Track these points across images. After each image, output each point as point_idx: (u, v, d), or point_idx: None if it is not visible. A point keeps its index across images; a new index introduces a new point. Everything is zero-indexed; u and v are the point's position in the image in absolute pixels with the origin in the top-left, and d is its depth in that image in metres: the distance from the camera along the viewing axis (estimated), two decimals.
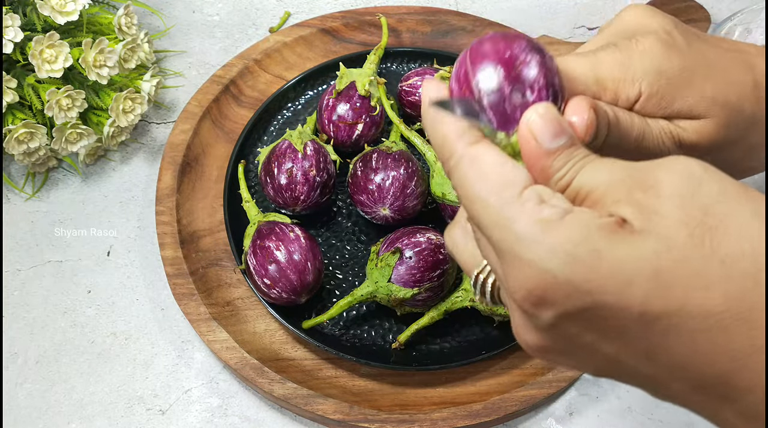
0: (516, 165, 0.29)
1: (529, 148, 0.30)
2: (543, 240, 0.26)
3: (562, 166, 0.29)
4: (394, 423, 0.51)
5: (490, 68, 0.31)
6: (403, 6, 0.72)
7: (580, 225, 0.26)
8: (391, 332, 0.55)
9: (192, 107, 0.64)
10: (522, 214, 0.27)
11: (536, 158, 0.30)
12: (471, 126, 0.31)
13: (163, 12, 0.74)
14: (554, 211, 0.27)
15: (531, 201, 0.28)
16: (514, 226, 0.27)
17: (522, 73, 0.31)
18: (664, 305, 0.25)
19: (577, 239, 0.26)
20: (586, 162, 0.29)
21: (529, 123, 0.30)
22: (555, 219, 0.27)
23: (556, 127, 0.29)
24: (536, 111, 0.30)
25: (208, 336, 0.54)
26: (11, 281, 0.59)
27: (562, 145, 0.29)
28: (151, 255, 0.60)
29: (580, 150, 0.29)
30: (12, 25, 0.56)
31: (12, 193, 0.63)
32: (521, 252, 0.27)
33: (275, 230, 0.54)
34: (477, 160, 0.30)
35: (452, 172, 0.31)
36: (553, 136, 0.29)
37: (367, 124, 0.60)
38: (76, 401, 0.54)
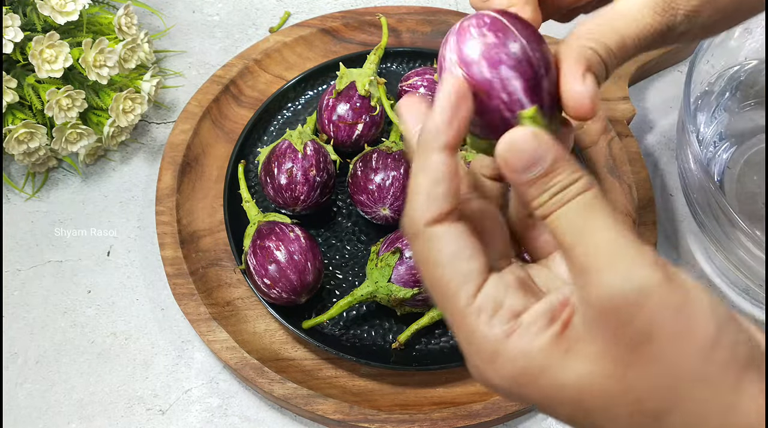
0: (472, 256, 0.30)
1: (504, 174, 0.29)
2: (493, 360, 0.29)
3: (537, 196, 0.29)
4: (394, 423, 0.51)
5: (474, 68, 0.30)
6: (403, 6, 0.72)
7: (523, 349, 0.29)
8: (391, 332, 0.55)
9: (192, 107, 0.64)
10: (475, 325, 0.29)
11: (513, 183, 0.30)
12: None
13: (163, 12, 0.74)
14: (502, 330, 0.29)
15: (485, 311, 0.29)
16: (470, 337, 0.30)
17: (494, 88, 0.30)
18: (584, 422, 0.29)
19: (518, 366, 0.29)
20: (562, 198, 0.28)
21: (500, 155, 0.29)
22: (503, 338, 0.29)
23: (526, 159, 0.29)
24: (504, 142, 0.29)
25: (208, 336, 0.54)
26: (11, 281, 0.59)
27: (534, 176, 0.29)
28: (151, 255, 0.60)
29: (556, 179, 0.28)
30: (12, 25, 0.56)
31: (12, 193, 0.63)
32: (475, 361, 0.30)
33: (275, 230, 0.54)
34: (433, 242, 0.30)
35: (409, 240, 0.31)
36: (523, 169, 0.29)
37: (367, 124, 0.60)
38: (76, 401, 0.54)
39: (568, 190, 0.28)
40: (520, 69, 0.30)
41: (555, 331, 0.28)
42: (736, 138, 0.64)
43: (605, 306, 0.27)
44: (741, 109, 0.65)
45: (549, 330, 0.28)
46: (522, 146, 0.29)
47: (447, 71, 0.31)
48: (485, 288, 0.30)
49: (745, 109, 0.65)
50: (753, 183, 0.62)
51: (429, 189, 0.30)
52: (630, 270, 0.27)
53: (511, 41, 0.30)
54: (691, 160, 0.55)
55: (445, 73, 0.31)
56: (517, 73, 0.30)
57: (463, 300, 0.30)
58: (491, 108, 0.30)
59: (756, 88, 0.65)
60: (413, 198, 0.30)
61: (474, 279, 0.30)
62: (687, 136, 0.55)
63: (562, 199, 0.28)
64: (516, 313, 0.29)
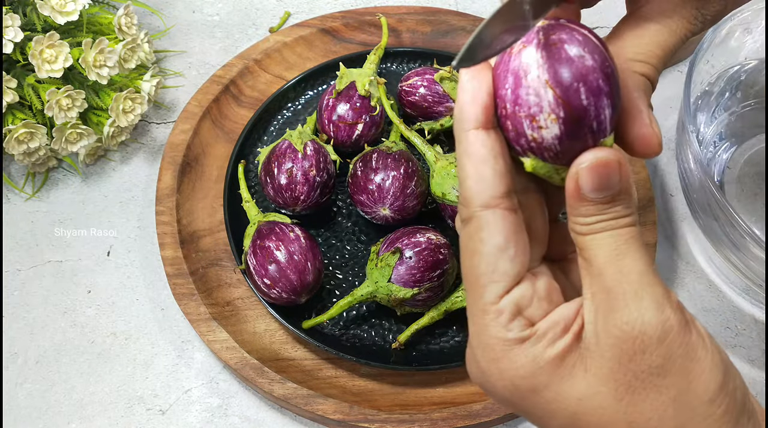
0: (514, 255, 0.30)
1: (570, 186, 0.29)
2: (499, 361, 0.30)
3: (588, 216, 0.29)
4: (394, 423, 0.51)
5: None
6: (403, 6, 0.72)
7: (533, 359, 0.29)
8: (391, 332, 0.55)
9: (192, 107, 0.64)
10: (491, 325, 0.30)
11: (572, 197, 0.29)
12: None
13: (163, 12, 0.74)
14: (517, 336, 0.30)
15: (505, 314, 0.30)
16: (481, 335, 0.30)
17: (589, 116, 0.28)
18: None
19: (524, 373, 0.29)
20: (608, 226, 0.29)
21: (579, 168, 0.29)
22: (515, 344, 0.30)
23: (601, 182, 0.29)
24: (590, 159, 0.28)
25: (208, 336, 0.54)
26: (11, 281, 0.59)
27: (600, 198, 0.29)
28: (151, 255, 0.60)
29: (614, 208, 0.29)
30: (12, 25, 0.55)
31: (12, 193, 0.63)
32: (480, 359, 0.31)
33: (275, 230, 0.54)
34: (483, 230, 0.30)
35: (462, 225, 0.31)
36: (593, 189, 0.29)
37: (367, 124, 0.60)
38: (76, 401, 0.54)
39: (618, 221, 0.29)
40: (612, 97, 0.28)
41: (566, 343, 0.29)
42: (736, 138, 0.64)
43: (627, 332, 0.28)
44: (741, 109, 0.65)
45: (561, 341, 0.29)
46: (605, 168, 0.29)
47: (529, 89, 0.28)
48: (514, 292, 0.30)
49: (745, 109, 0.65)
50: (753, 183, 0.62)
51: (476, 172, 0.30)
52: (657, 306, 0.28)
53: (606, 65, 0.28)
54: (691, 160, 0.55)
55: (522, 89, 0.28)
56: (610, 101, 0.28)
57: (489, 297, 0.30)
58: (578, 135, 0.28)
59: (756, 88, 0.65)
60: (463, 184, 0.30)
61: (506, 281, 0.30)
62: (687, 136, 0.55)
63: (609, 226, 0.29)
64: (533, 321, 0.30)
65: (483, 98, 0.29)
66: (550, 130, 0.28)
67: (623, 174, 0.29)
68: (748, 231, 0.50)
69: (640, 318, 0.28)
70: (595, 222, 0.29)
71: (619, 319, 0.28)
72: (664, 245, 0.62)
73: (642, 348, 0.28)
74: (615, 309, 0.28)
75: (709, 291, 0.60)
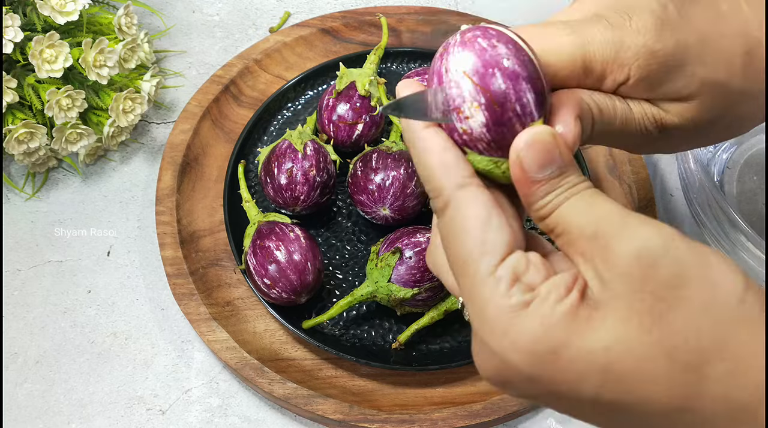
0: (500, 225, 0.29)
1: (516, 173, 0.29)
2: (508, 333, 0.28)
3: (545, 196, 0.29)
4: (394, 423, 0.51)
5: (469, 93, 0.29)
6: (403, 6, 0.72)
7: (542, 318, 0.27)
8: (391, 332, 0.55)
9: (192, 107, 0.64)
10: (493, 296, 0.28)
11: (522, 184, 0.30)
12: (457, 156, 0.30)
13: (163, 12, 0.74)
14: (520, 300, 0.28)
15: (504, 281, 0.28)
16: (483, 310, 0.29)
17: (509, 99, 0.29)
18: (613, 397, 0.27)
19: (537, 335, 0.27)
20: (569, 195, 0.29)
21: (518, 151, 0.29)
22: (520, 309, 0.28)
23: (544, 158, 0.29)
24: (524, 139, 0.29)
25: (208, 336, 0.54)
26: (11, 281, 0.59)
27: (548, 175, 0.29)
28: (151, 255, 0.60)
29: (567, 179, 0.29)
30: (12, 25, 0.55)
31: (12, 193, 0.63)
32: (488, 339, 0.29)
33: (275, 230, 0.54)
34: (462, 209, 0.30)
35: (438, 214, 0.31)
36: (539, 167, 0.29)
37: (367, 124, 0.60)
38: (76, 401, 0.54)
39: (575, 187, 0.29)
40: (532, 81, 0.29)
41: (574, 299, 0.28)
42: (736, 138, 0.64)
43: (630, 257, 0.27)
44: None
45: (567, 298, 0.28)
46: (542, 144, 0.29)
47: (450, 83, 0.30)
48: (508, 260, 0.29)
49: None
50: (753, 183, 0.62)
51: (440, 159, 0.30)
52: (647, 223, 0.27)
53: (522, 53, 0.30)
54: (691, 160, 0.55)
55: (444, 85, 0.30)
56: (530, 85, 0.29)
57: (484, 269, 0.29)
58: (503, 120, 0.29)
59: None
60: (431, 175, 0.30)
61: (498, 251, 0.29)
62: None
63: (570, 193, 0.29)
64: (532, 286, 0.28)
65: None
66: (476, 119, 0.29)
67: (561, 145, 0.29)
68: (748, 232, 0.50)
69: (636, 239, 0.27)
70: (554, 198, 0.29)
71: (618, 250, 0.27)
72: None
73: (651, 263, 0.26)
74: (609, 247, 0.27)
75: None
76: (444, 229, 0.30)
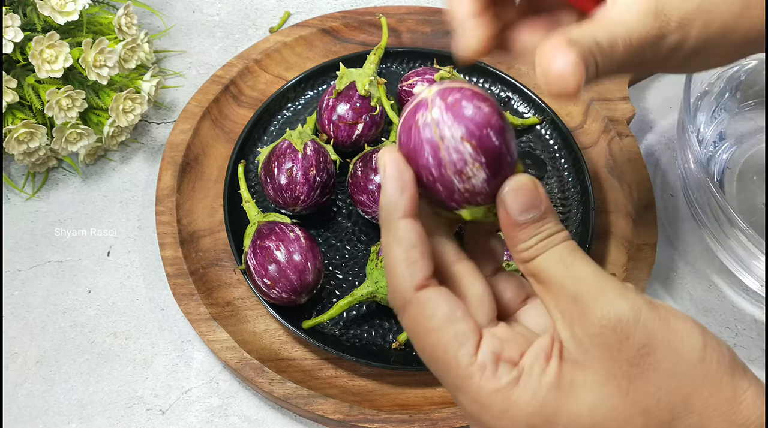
0: (464, 315, 0.31)
1: (502, 217, 0.32)
2: (506, 412, 0.30)
3: (527, 240, 0.31)
4: (394, 423, 0.51)
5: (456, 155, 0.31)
6: (403, 6, 0.72)
7: (533, 392, 0.30)
8: (391, 332, 0.55)
9: (192, 107, 0.64)
10: (482, 383, 0.30)
11: (507, 226, 0.32)
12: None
13: (163, 12, 0.74)
14: (510, 379, 0.30)
15: (488, 365, 0.30)
16: (478, 397, 0.30)
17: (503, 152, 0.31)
18: None
19: (533, 409, 0.30)
20: (550, 243, 0.31)
21: (504, 196, 0.31)
22: (512, 387, 0.30)
23: (525, 202, 0.31)
24: (510, 186, 0.31)
25: (208, 336, 0.54)
26: (11, 281, 0.59)
27: (530, 218, 0.31)
28: (151, 255, 0.60)
29: (547, 225, 0.31)
30: (12, 25, 0.56)
31: (12, 193, 0.63)
32: (487, 421, 0.30)
33: (275, 230, 0.54)
34: (426, 309, 0.31)
35: (399, 313, 0.32)
36: (521, 211, 0.31)
37: (367, 124, 0.60)
38: (76, 401, 0.54)
39: (555, 236, 0.31)
40: (509, 128, 0.32)
41: (555, 366, 0.30)
42: (736, 138, 0.64)
43: (604, 326, 0.29)
44: (741, 109, 0.65)
45: (549, 367, 0.30)
46: (524, 190, 0.31)
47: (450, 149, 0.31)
48: (483, 344, 0.31)
49: (745, 109, 0.65)
50: (753, 183, 0.62)
51: (407, 255, 0.32)
52: (621, 295, 0.30)
53: (496, 107, 0.32)
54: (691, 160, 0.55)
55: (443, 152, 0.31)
56: (510, 133, 0.32)
57: (465, 360, 0.30)
58: (500, 171, 0.31)
59: (756, 88, 0.65)
60: (394, 270, 0.32)
61: (471, 339, 0.31)
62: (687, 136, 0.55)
63: (550, 243, 0.31)
64: (514, 362, 0.31)
65: (410, 188, 0.32)
66: (478, 177, 0.31)
67: (540, 191, 0.32)
68: (748, 232, 0.50)
69: (611, 309, 0.29)
70: (536, 243, 0.31)
71: (594, 318, 0.29)
72: (664, 245, 0.62)
73: (625, 334, 0.29)
74: (586, 312, 0.30)
75: (709, 291, 0.60)
76: (411, 328, 0.32)
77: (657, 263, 0.60)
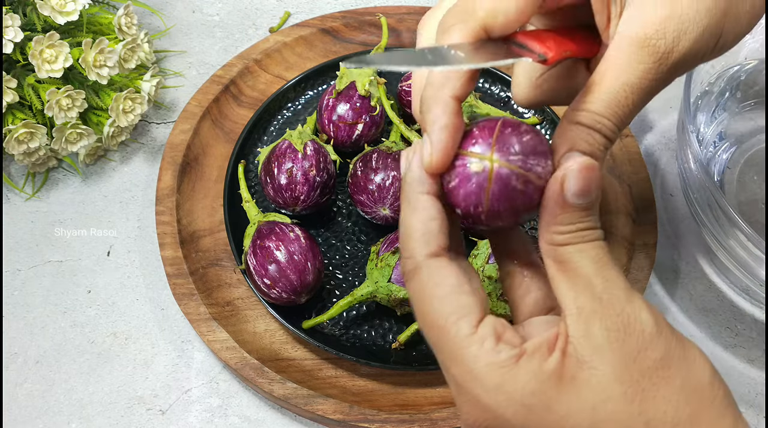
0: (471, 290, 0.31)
1: (553, 190, 0.30)
2: (501, 387, 0.29)
3: (568, 224, 0.30)
4: (394, 423, 0.51)
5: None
6: (403, 6, 0.72)
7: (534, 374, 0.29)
8: (391, 332, 0.55)
9: (192, 107, 0.64)
10: (480, 353, 0.29)
11: (554, 203, 0.30)
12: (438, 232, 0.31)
13: (163, 12, 0.74)
14: (510, 355, 0.29)
15: (488, 339, 0.30)
16: (473, 367, 0.30)
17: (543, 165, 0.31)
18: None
19: (532, 388, 0.29)
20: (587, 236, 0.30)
21: (568, 170, 0.30)
22: (511, 364, 0.29)
23: (586, 185, 0.30)
24: (578, 162, 0.30)
25: (208, 336, 0.54)
26: (11, 281, 0.59)
27: (581, 204, 0.30)
28: (151, 255, 0.60)
29: (590, 218, 0.30)
30: (12, 25, 0.56)
31: (12, 193, 0.63)
32: (480, 395, 0.30)
33: (275, 230, 0.54)
34: (434, 276, 0.31)
35: (407, 277, 0.32)
36: (580, 193, 0.30)
37: (367, 124, 0.60)
38: (76, 401, 0.54)
39: (594, 231, 0.30)
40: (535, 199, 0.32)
41: (558, 358, 0.29)
42: (736, 138, 0.64)
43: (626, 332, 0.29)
44: (741, 109, 0.65)
45: (552, 357, 0.29)
46: (590, 173, 0.30)
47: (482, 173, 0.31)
48: (485, 321, 0.30)
49: (745, 109, 0.65)
50: (753, 183, 0.62)
51: (424, 226, 0.31)
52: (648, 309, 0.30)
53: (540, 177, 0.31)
54: (691, 160, 0.55)
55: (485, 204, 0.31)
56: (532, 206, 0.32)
57: (465, 330, 0.30)
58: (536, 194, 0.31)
59: (756, 88, 0.65)
60: (409, 238, 0.31)
61: (475, 312, 0.30)
62: (687, 136, 0.55)
63: (587, 236, 0.30)
64: (515, 345, 0.30)
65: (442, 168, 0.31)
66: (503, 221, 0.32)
67: (600, 181, 0.30)
68: (748, 232, 0.50)
69: (638, 318, 0.29)
70: (576, 231, 0.30)
71: (619, 322, 0.29)
72: (664, 245, 0.62)
73: (644, 345, 0.29)
74: (611, 314, 0.29)
75: (709, 291, 0.60)
76: (416, 294, 0.31)
77: (657, 263, 0.60)
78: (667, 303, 0.59)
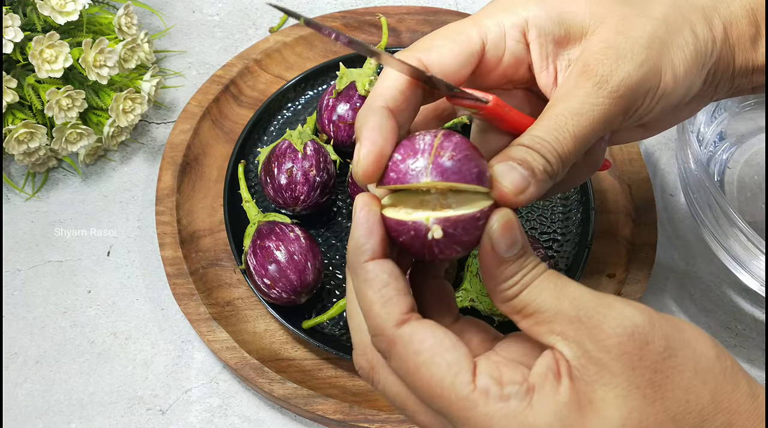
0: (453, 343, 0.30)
1: (485, 254, 0.30)
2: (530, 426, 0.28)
3: (513, 275, 0.30)
4: (394, 423, 0.51)
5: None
6: (403, 6, 0.72)
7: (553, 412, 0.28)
8: None
9: (192, 107, 0.64)
10: (489, 409, 0.28)
11: (491, 265, 0.30)
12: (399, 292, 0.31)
13: (163, 12, 0.74)
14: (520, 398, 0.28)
15: (491, 388, 0.29)
16: (490, 422, 0.28)
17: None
18: None
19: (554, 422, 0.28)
20: (536, 274, 0.30)
21: (490, 232, 0.30)
22: (525, 409, 0.28)
23: (511, 237, 0.30)
24: (496, 220, 0.30)
25: (208, 336, 0.54)
26: (11, 281, 0.59)
27: (514, 254, 0.30)
28: (151, 255, 0.60)
29: (530, 258, 0.30)
30: (12, 25, 0.56)
31: (12, 193, 0.63)
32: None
33: (275, 230, 0.54)
34: (412, 345, 0.30)
35: (386, 357, 0.31)
36: (509, 247, 0.30)
37: None
38: (76, 401, 0.54)
39: (538, 267, 0.30)
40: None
41: (568, 385, 0.28)
42: (736, 138, 0.64)
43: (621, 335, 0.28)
44: (741, 109, 0.65)
45: (562, 386, 0.28)
46: (511, 225, 0.30)
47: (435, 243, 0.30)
48: (479, 370, 0.29)
49: (745, 109, 0.65)
50: (753, 183, 0.62)
51: (380, 295, 0.30)
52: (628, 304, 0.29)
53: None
54: (691, 160, 0.55)
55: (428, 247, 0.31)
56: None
57: (464, 389, 0.29)
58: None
59: None
60: (370, 313, 0.30)
61: (466, 366, 0.29)
62: (687, 136, 0.55)
63: (536, 274, 0.30)
64: (519, 382, 0.29)
65: (379, 231, 0.31)
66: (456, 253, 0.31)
67: (520, 227, 0.31)
68: (748, 232, 0.50)
69: (624, 318, 0.29)
70: (522, 277, 0.30)
71: (609, 330, 0.28)
72: (664, 245, 0.62)
73: (644, 340, 0.28)
74: (598, 327, 0.29)
75: (709, 291, 0.60)
76: (401, 370, 0.30)
77: (657, 263, 0.60)
78: (667, 303, 0.59)
